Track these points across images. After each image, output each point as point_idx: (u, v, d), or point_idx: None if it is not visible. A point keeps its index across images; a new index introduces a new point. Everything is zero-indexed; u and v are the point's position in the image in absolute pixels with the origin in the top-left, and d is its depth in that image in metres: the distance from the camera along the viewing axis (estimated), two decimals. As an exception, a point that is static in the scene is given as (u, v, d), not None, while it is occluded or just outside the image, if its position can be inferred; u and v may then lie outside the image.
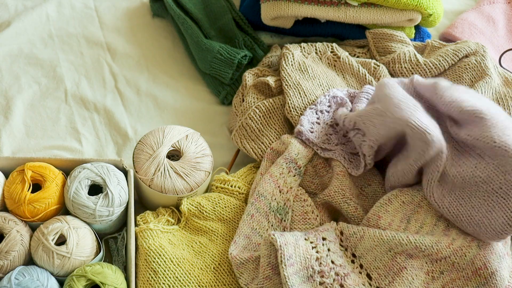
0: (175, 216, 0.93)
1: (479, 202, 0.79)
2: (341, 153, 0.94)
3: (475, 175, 0.80)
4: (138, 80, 1.15)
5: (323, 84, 1.04)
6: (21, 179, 0.87)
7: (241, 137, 1.00)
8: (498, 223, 0.78)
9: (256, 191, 0.91)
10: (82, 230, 0.85)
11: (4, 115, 1.08)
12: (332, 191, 0.90)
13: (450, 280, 0.79)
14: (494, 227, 0.78)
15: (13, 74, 1.14)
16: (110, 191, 0.87)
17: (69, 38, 1.21)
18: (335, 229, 0.84)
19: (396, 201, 0.86)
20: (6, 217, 0.85)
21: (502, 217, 0.77)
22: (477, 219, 0.79)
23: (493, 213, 0.78)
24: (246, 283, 0.83)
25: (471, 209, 0.80)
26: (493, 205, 0.78)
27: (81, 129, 1.08)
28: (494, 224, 0.78)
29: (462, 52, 1.07)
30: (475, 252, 0.78)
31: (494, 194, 0.78)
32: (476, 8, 1.31)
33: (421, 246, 0.79)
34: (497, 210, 0.78)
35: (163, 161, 0.90)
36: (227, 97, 1.12)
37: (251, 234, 0.88)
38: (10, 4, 1.25)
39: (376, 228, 0.84)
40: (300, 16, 1.12)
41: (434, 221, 0.84)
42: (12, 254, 0.83)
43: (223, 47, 1.10)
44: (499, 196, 0.78)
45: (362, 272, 0.81)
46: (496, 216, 0.78)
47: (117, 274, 0.83)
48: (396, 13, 1.11)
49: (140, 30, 1.24)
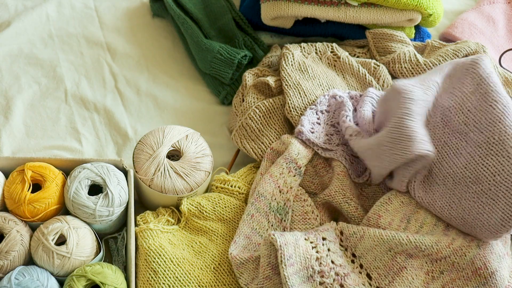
0: (175, 216, 0.93)
1: (469, 204, 0.80)
2: (342, 153, 0.94)
3: (465, 176, 0.80)
4: (138, 80, 1.15)
5: (323, 84, 1.04)
6: (21, 179, 0.87)
7: (241, 137, 1.00)
8: (491, 224, 0.78)
9: (256, 191, 0.91)
10: (82, 230, 0.85)
11: (4, 115, 1.08)
12: (333, 191, 0.90)
13: (450, 280, 0.79)
14: (488, 227, 0.78)
15: (13, 74, 1.14)
16: (110, 191, 0.87)
17: (69, 38, 1.21)
18: (335, 229, 0.84)
19: (396, 200, 0.86)
20: (6, 217, 0.85)
21: (494, 218, 0.77)
22: (470, 221, 0.80)
23: (484, 214, 0.78)
24: (246, 283, 0.83)
25: (463, 212, 0.80)
26: (483, 207, 0.78)
27: (81, 129, 1.08)
28: (487, 225, 0.78)
29: (462, 52, 1.07)
30: (475, 252, 0.78)
31: (483, 195, 0.78)
32: (476, 8, 1.31)
33: (421, 246, 0.79)
34: (488, 211, 0.78)
35: (163, 161, 0.90)
36: (227, 97, 1.12)
37: (251, 234, 0.88)
38: (10, 4, 1.25)
39: (376, 227, 0.84)
40: (300, 16, 1.12)
41: (434, 221, 0.84)
42: (12, 254, 0.83)
43: (223, 47, 1.10)
44: (489, 197, 0.78)
45: (362, 272, 0.81)
46: (488, 217, 0.78)
47: (117, 274, 0.83)
48: (396, 13, 1.11)
49: (140, 30, 1.24)
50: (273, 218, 0.89)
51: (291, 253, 0.78)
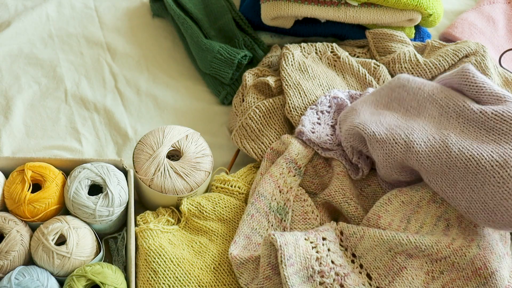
0: (175, 216, 0.93)
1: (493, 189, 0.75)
2: (342, 153, 0.94)
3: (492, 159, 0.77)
4: (138, 80, 1.15)
5: (323, 84, 1.04)
6: (21, 179, 0.87)
7: (241, 137, 1.00)
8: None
9: (256, 191, 0.91)
10: (82, 230, 0.85)
11: (4, 115, 1.08)
12: (333, 190, 0.90)
13: (450, 280, 0.79)
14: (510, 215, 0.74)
15: (13, 74, 1.14)
16: (110, 191, 0.87)
17: (69, 38, 1.21)
18: (335, 229, 0.84)
19: (395, 201, 0.86)
20: (6, 217, 0.85)
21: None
22: (491, 206, 0.76)
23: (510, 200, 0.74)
24: (246, 283, 0.83)
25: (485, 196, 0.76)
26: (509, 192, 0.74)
27: (81, 129, 1.08)
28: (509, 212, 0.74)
29: (462, 52, 1.07)
30: (475, 252, 0.78)
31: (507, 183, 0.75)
32: (476, 8, 1.31)
33: (421, 246, 0.79)
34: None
35: (163, 161, 0.90)
36: (227, 97, 1.12)
37: (251, 234, 0.88)
38: (10, 4, 1.25)
39: (376, 228, 0.84)
40: (300, 16, 1.12)
41: (434, 221, 0.84)
42: (12, 254, 0.83)
43: (223, 47, 1.10)
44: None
45: (362, 272, 0.81)
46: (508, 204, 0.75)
47: (117, 274, 0.83)
48: (396, 13, 1.11)
49: (140, 30, 1.24)
50: (273, 218, 0.89)
51: (291, 253, 0.78)
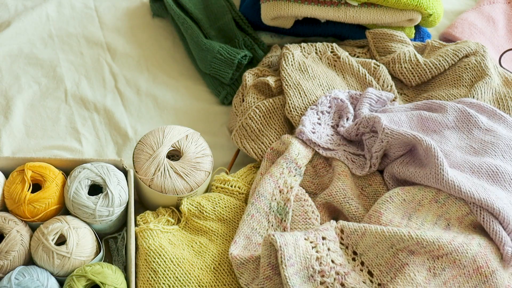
0: (175, 216, 0.93)
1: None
2: (343, 153, 0.94)
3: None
4: (138, 80, 1.15)
5: (323, 84, 1.04)
6: (21, 179, 0.87)
7: (241, 137, 1.00)
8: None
9: (256, 191, 0.91)
10: (82, 230, 0.85)
11: (4, 115, 1.08)
12: (334, 190, 0.90)
13: (451, 276, 0.79)
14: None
15: (13, 74, 1.14)
16: (110, 191, 0.87)
17: (69, 38, 1.21)
18: (335, 228, 0.84)
19: (397, 198, 0.86)
20: (6, 217, 0.85)
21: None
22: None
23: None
24: (247, 283, 0.83)
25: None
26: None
27: (81, 129, 1.08)
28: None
29: (462, 52, 1.07)
30: (476, 250, 0.78)
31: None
32: (476, 8, 1.31)
33: (422, 242, 0.78)
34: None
35: (163, 161, 0.90)
36: (227, 97, 1.12)
37: (251, 234, 0.88)
38: (10, 4, 1.25)
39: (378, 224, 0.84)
40: (300, 16, 1.12)
41: (434, 220, 0.84)
42: (12, 254, 0.83)
43: (223, 47, 1.10)
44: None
45: (363, 270, 0.81)
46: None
47: (117, 274, 0.83)
48: (396, 13, 1.11)
49: (140, 30, 1.24)
50: (273, 218, 0.89)
51: (291, 253, 0.78)
